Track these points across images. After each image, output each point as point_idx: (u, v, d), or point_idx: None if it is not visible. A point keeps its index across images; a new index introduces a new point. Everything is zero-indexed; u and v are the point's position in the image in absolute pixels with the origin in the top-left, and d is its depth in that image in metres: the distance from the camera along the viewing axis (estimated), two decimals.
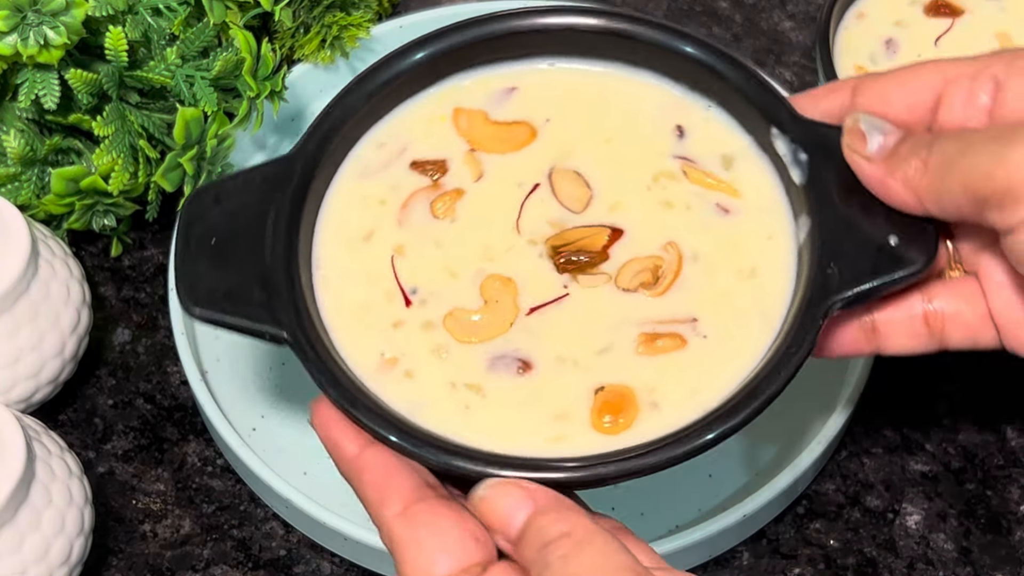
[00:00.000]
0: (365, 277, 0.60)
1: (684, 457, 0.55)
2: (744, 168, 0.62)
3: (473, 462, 0.54)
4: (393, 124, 0.64)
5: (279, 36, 0.83)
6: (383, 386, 0.57)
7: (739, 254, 0.60)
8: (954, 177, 0.55)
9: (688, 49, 0.63)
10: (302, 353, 0.56)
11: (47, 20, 0.70)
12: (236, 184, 0.60)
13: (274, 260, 0.58)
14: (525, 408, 0.57)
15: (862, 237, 0.58)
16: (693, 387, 0.57)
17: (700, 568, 0.70)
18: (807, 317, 0.57)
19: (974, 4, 0.82)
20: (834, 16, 0.80)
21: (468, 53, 0.64)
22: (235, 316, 0.57)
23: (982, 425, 0.75)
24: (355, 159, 0.63)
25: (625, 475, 0.55)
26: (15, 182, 0.75)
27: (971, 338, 0.59)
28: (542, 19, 0.64)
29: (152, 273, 0.80)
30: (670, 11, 0.91)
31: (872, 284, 0.57)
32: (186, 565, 0.70)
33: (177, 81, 0.75)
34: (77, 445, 0.74)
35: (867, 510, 0.72)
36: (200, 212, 0.59)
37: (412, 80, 0.64)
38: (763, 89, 0.62)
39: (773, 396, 0.55)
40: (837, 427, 0.71)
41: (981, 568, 0.70)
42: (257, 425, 0.74)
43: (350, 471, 0.55)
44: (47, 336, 0.70)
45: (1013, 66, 0.57)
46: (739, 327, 0.59)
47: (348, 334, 0.59)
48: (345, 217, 0.62)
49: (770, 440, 0.73)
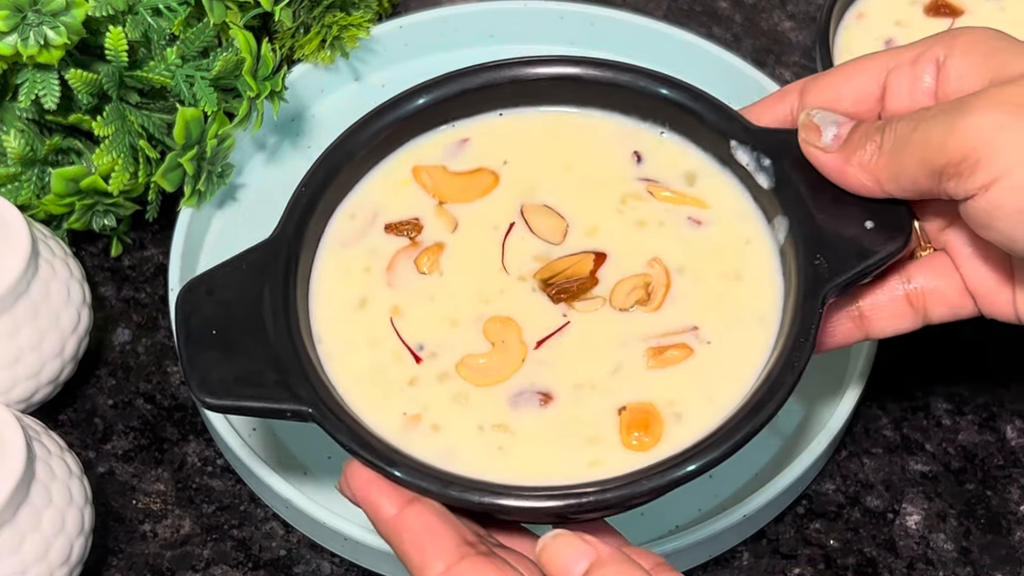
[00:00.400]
0: (368, 343, 0.61)
1: (726, 455, 0.56)
2: (707, 182, 0.64)
3: (516, 498, 0.55)
4: (361, 194, 0.65)
5: (279, 36, 0.83)
6: (412, 443, 0.58)
7: (721, 260, 0.62)
8: (909, 154, 0.56)
9: (633, 82, 0.65)
10: (329, 423, 0.57)
11: (47, 20, 0.70)
12: (225, 273, 0.61)
13: (279, 340, 0.59)
14: (556, 438, 0.58)
15: (840, 227, 0.60)
16: (710, 394, 0.59)
17: (700, 568, 0.70)
18: (807, 308, 0.59)
19: (974, 4, 0.82)
20: (834, 16, 0.80)
21: (421, 117, 0.66)
22: (253, 400, 0.58)
23: (982, 425, 0.75)
24: (332, 234, 0.64)
25: (670, 485, 0.56)
26: (15, 182, 0.75)
27: (952, 311, 0.61)
28: (487, 75, 0.66)
29: (152, 273, 0.80)
30: (670, 11, 0.91)
31: (860, 267, 0.59)
32: (186, 565, 0.70)
33: (177, 81, 0.75)
34: (77, 445, 0.74)
35: (867, 510, 0.72)
36: (195, 306, 0.60)
37: (373, 150, 0.65)
38: (713, 107, 0.64)
39: (791, 387, 0.57)
40: (837, 427, 0.71)
41: (981, 568, 0.70)
42: (257, 425, 0.74)
43: (390, 532, 0.55)
44: (47, 336, 0.70)
45: (952, 46, 0.59)
46: (739, 329, 0.60)
47: (366, 400, 0.60)
48: (334, 290, 0.63)
49: (770, 440, 0.73)
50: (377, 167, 0.66)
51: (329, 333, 0.61)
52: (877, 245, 0.60)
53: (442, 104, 0.66)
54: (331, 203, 0.64)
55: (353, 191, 0.65)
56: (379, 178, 0.65)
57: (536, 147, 0.66)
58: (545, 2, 0.86)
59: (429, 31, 0.86)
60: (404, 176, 0.65)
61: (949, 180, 0.55)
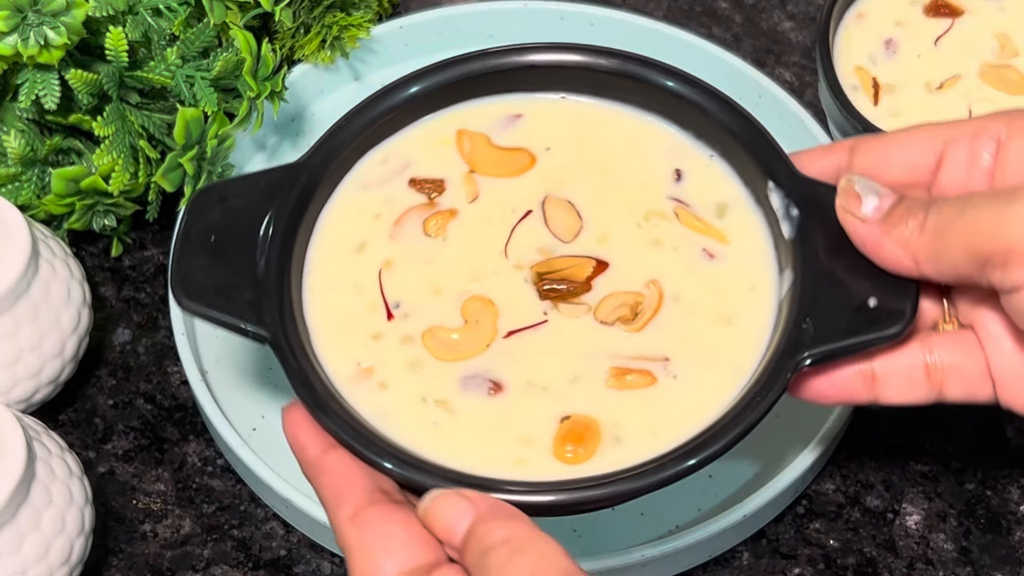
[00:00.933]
0: (352, 287, 0.62)
1: (632, 495, 0.55)
2: (736, 217, 0.63)
3: (425, 476, 0.55)
4: (399, 142, 0.65)
5: (279, 36, 0.83)
6: (355, 394, 0.59)
7: (720, 300, 0.61)
8: (953, 237, 0.54)
9: (698, 98, 0.64)
10: (281, 355, 0.58)
11: (47, 20, 0.70)
12: (241, 186, 0.62)
13: (267, 264, 0.60)
14: (491, 429, 0.58)
15: (842, 296, 0.58)
16: (655, 426, 0.58)
17: (700, 568, 0.70)
18: (776, 368, 0.57)
19: (974, 4, 0.82)
20: (834, 16, 0.80)
21: (480, 82, 0.65)
22: (222, 312, 0.59)
23: (982, 425, 0.75)
24: (357, 172, 0.64)
25: (574, 505, 0.56)
26: (15, 182, 0.75)
27: (969, 392, 0.59)
28: (557, 55, 0.65)
29: (152, 273, 0.80)
30: (670, 11, 0.91)
31: (844, 343, 0.57)
32: (186, 565, 0.70)
33: (177, 81, 0.75)
34: (77, 445, 0.74)
35: (867, 510, 0.72)
36: (204, 209, 0.61)
37: (423, 103, 0.65)
38: (766, 144, 0.62)
39: (732, 443, 0.56)
40: (837, 427, 0.71)
41: (981, 568, 0.70)
42: (257, 425, 0.74)
43: (311, 472, 0.56)
44: (47, 336, 0.70)
45: (1013, 126, 0.57)
46: (710, 372, 0.59)
47: (329, 341, 0.60)
48: (340, 227, 0.63)
49: (770, 440, 0.73)
50: (423, 120, 0.66)
51: (320, 267, 0.62)
52: (871, 326, 0.58)
53: (507, 73, 0.65)
54: (366, 144, 0.65)
55: (393, 137, 0.65)
56: (422, 131, 0.65)
57: (584, 141, 0.65)
58: (545, 2, 0.86)
59: (429, 31, 0.86)
60: (447, 136, 0.65)
61: (994, 270, 0.53)
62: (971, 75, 0.79)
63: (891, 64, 0.80)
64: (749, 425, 0.56)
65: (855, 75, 0.80)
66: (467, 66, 0.65)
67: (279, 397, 0.75)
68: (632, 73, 0.65)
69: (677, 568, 0.69)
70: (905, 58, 0.80)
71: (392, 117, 0.65)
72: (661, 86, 0.64)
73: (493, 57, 0.65)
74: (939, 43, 0.81)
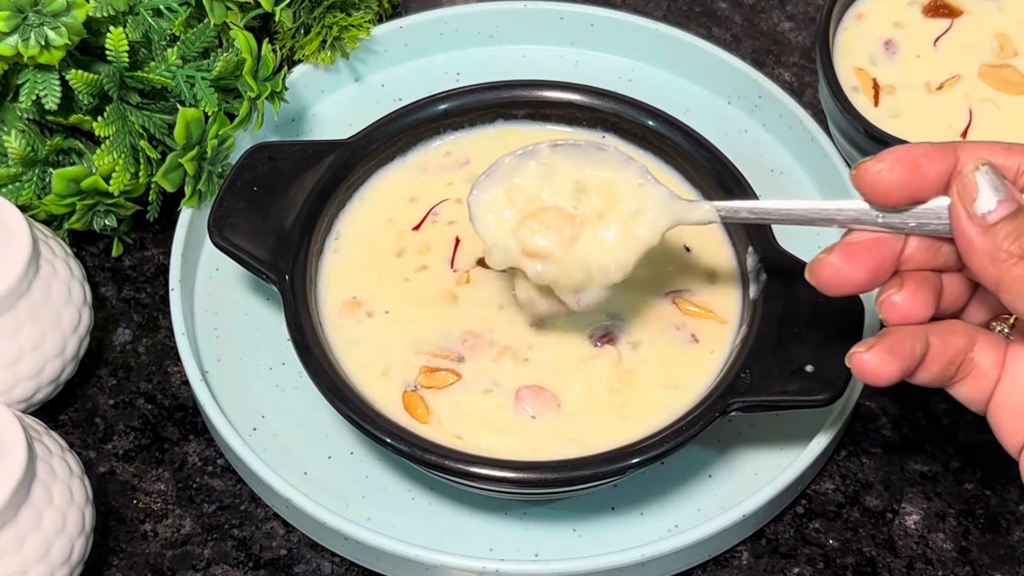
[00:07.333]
0: (395, 252, 0.72)
1: (557, 484, 0.65)
2: (722, 287, 0.71)
3: (353, 414, 0.66)
4: (470, 138, 0.76)
5: (279, 37, 0.83)
6: (338, 328, 0.70)
7: (672, 373, 0.68)
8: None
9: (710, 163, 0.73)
10: (285, 295, 0.68)
11: (48, 21, 0.70)
12: (291, 149, 0.73)
13: (296, 219, 0.70)
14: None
15: (783, 356, 0.65)
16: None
17: (700, 568, 0.70)
18: (707, 408, 0.64)
19: (973, 5, 0.82)
20: (833, 17, 0.80)
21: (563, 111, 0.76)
22: (244, 252, 0.70)
23: (982, 425, 0.75)
24: (418, 156, 0.75)
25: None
26: (16, 182, 0.75)
27: (969, 397, 0.61)
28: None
29: (153, 273, 0.80)
30: (670, 11, 0.91)
31: (772, 399, 0.64)
32: (187, 565, 0.70)
33: (178, 82, 0.75)
34: (78, 445, 0.74)
35: (866, 510, 0.72)
36: (253, 162, 0.72)
37: (502, 112, 0.76)
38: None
39: (652, 459, 0.64)
40: (837, 427, 0.71)
41: (980, 568, 0.70)
42: (257, 425, 0.74)
43: None
44: (48, 336, 0.70)
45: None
46: (652, 400, 0.68)
47: (333, 279, 0.72)
48: (381, 202, 0.74)
49: (770, 440, 0.73)
50: (507, 122, 0.76)
51: (347, 235, 0.73)
52: (800, 389, 0.64)
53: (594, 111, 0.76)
54: (429, 131, 0.75)
55: (456, 132, 0.76)
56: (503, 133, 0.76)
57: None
58: (545, 2, 0.86)
59: (429, 31, 0.86)
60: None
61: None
62: (971, 75, 0.79)
63: (891, 65, 0.80)
64: (670, 447, 0.64)
65: (855, 76, 0.80)
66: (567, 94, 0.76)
67: (279, 397, 0.75)
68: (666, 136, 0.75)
69: (677, 568, 0.69)
70: (905, 59, 0.80)
71: (468, 115, 0.75)
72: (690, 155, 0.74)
73: (591, 96, 0.75)
74: (938, 44, 0.81)
